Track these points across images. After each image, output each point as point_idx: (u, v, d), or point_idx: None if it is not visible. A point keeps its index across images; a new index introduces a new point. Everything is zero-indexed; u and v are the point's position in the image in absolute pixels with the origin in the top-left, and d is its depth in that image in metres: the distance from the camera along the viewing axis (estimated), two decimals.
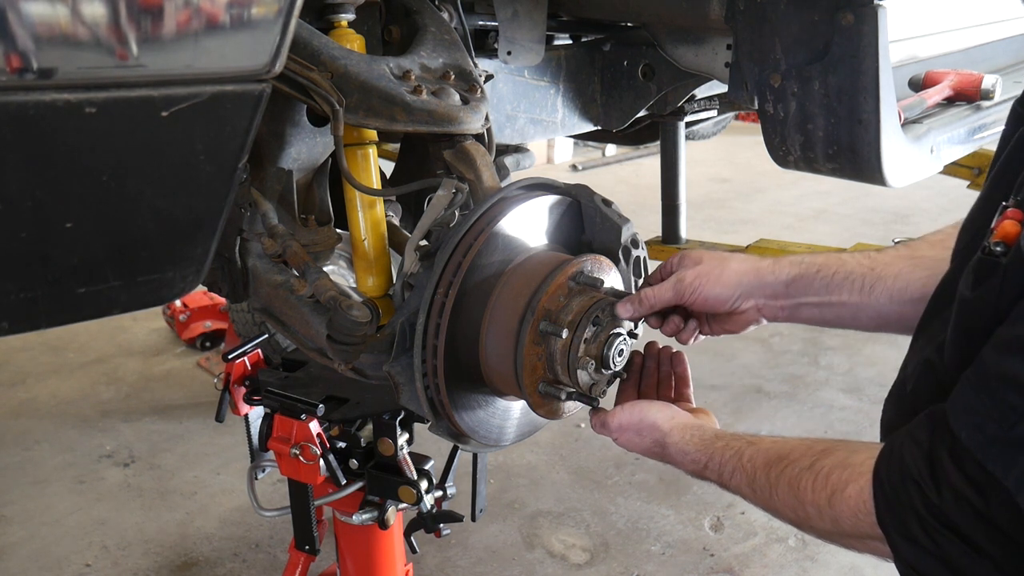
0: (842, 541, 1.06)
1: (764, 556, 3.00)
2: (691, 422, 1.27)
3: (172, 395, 4.02)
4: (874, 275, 1.29)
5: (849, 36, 1.77)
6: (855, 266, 1.30)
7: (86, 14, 0.93)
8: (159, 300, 1.22)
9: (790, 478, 1.07)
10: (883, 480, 0.97)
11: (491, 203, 1.34)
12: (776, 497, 1.10)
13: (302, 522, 1.91)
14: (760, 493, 1.13)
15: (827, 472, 1.03)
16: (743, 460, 1.15)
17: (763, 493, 1.12)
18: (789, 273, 1.31)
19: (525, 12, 2.00)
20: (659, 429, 1.27)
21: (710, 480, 1.22)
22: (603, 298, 1.31)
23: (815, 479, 1.04)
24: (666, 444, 1.26)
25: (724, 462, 1.18)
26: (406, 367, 1.33)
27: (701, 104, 3.01)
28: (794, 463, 1.08)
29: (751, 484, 1.14)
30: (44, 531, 3.09)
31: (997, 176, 1.07)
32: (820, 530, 1.07)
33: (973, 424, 0.89)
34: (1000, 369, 0.88)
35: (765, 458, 1.13)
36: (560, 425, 3.59)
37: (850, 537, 1.04)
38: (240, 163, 1.16)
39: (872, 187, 2.06)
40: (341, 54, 1.38)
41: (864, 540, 1.02)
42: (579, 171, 7.87)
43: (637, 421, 1.29)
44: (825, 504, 1.02)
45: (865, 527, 0.99)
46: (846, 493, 1.00)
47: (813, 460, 1.06)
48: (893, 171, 1.90)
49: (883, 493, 0.96)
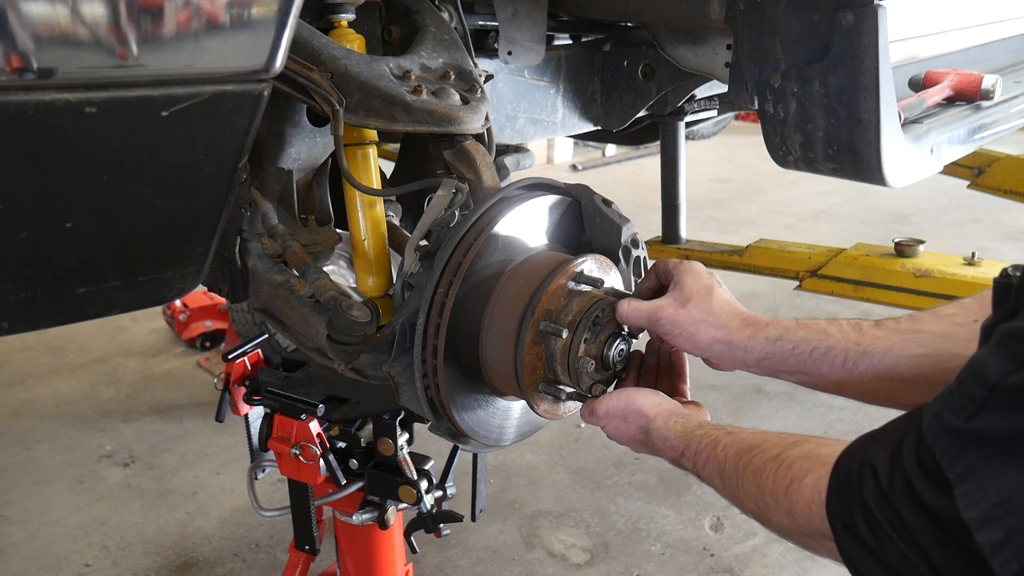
0: (797, 538, 1.01)
1: (764, 556, 3.00)
2: (677, 409, 1.24)
3: (172, 395, 4.02)
4: (859, 350, 1.17)
5: (849, 36, 1.77)
6: (840, 339, 1.19)
7: (86, 14, 0.93)
8: (159, 300, 1.22)
9: (756, 467, 1.03)
10: (841, 469, 0.92)
11: (491, 203, 1.34)
12: (741, 487, 1.05)
13: (302, 522, 1.91)
14: (728, 483, 1.08)
15: (791, 462, 0.99)
16: (717, 449, 1.11)
17: (731, 483, 1.08)
18: (763, 350, 1.23)
19: (525, 12, 2.00)
20: (644, 415, 1.24)
21: (687, 469, 1.18)
22: (603, 298, 1.31)
23: (778, 468, 1.00)
24: (649, 430, 1.23)
25: (700, 450, 1.14)
26: (406, 367, 1.33)
27: (701, 104, 3.01)
28: (762, 452, 1.04)
29: (721, 473, 1.10)
30: (44, 531, 3.09)
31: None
32: (777, 524, 1.01)
33: (934, 412, 0.85)
34: (973, 360, 0.85)
35: (737, 448, 1.08)
36: (560, 425, 3.59)
37: (803, 534, 0.98)
38: (240, 163, 1.16)
39: (872, 187, 2.06)
40: (341, 54, 1.38)
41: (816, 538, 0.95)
42: (579, 171, 7.87)
43: (624, 407, 1.26)
44: (782, 494, 0.97)
45: (816, 520, 0.93)
46: (804, 482, 0.95)
47: (781, 450, 1.02)
48: (893, 171, 1.90)
49: (837, 482, 0.92)
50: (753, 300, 5.06)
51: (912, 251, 2.98)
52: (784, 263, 3.31)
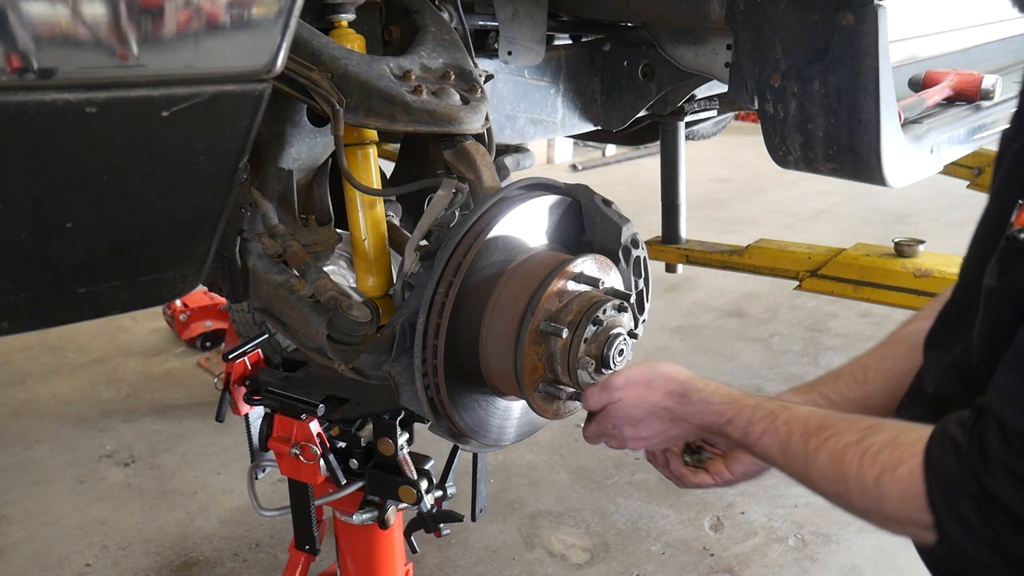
0: (880, 521, 1.03)
1: (764, 556, 3.00)
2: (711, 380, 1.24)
3: (172, 395, 4.02)
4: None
5: (849, 36, 1.77)
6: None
7: (86, 14, 0.93)
8: (159, 300, 1.22)
9: (833, 451, 1.04)
10: (935, 462, 0.95)
11: (491, 203, 1.34)
12: (813, 468, 1.06)
13: (302, 522, 1.90)
14: (793, 461, 1.09)
15: (876, 450, 1.00)
16: (777, 423, 1.11)
17: (797, 461, 1.08)
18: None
19: (525, 12, 2.00)
20: (676, 380, 1.22)
21: (729, 436, 1.17)
22: (603, 298, 1.31)
23: (863, 456, 1.01)
24: (687, 392, 1.20)
25: (754, 420, 1.13)
26: (406, 367, 1.33)
27: (701, 104, 3.01)
28: (838, 435, 1.04)
29: (783, 449, 1.10)
30: (44, 531, 3.09)
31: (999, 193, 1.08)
32: (858, 507, 1.04)
33: (1019, 406, 0.89)
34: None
35: (804, 426, 1.09)
36: (560, 425, 3.59)
37: (891, 520, 1.01)
38: (240, 163, 1.16)
39: (872, 187, 2.06)
40: (341, 54, 1.38)
41: (905, 524, 0.99)
42: (579, 171, 7.87)
43: (647, 373, 1.23)
44: (872, 483, 0.99)
45: (912, 510, 0.97)
46: (897, 473, 0.98)
47: (861, 436, 1.03)
48: (893, 171, 1.90)
49: (935, 475, 0.95)
50: (753, 300, 5.06)
51: (912, 251, 2.99)
52: (784, 263, 3.31)
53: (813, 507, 3.24)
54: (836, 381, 1.36)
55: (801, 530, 3.13)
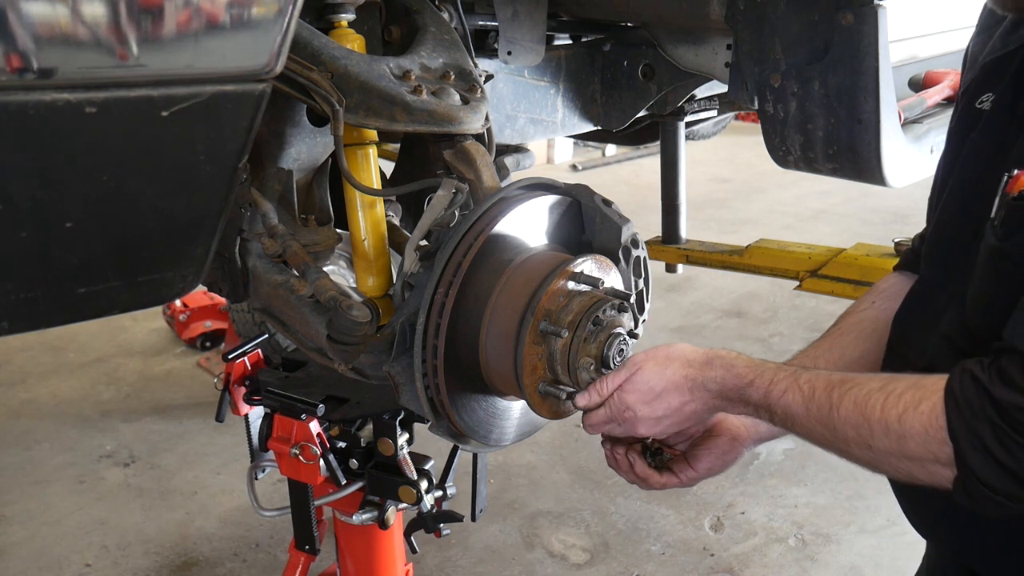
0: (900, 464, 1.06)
1: (764, 556, 3.00)
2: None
3: (172, 395, 4.02)
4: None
5: (849, 36, 1.77)
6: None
7: (86, 14, 0.93)
8: (159, 300, 1.22)
9: (857, 397, 1.07)
10: (956, 394, 0.99)
11: (491, 203, 1.34)
12: (837, 415, 1.08)
13: (302, 522, 1.90)
14: (816, 411, 1.11)
15: (900, 392, 1.04)
16: (799, 381, 1.14)
17: (820, 411, 1.11)
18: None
19: (525, 12, 2.00)
20: (696, 351, 1.24)
21: (748, 400, 1.18)
22: (603, 298, 1.31)
23: (886, 398, 1.04)
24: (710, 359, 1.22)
25: (776, 380, 1.16)
26: (406, 367, 1.33)
27: (701, 104, 3.02)
28: (861, 385, 1.08)
29: (806, 402, 1.12)
30: (44, 531, 3.09)
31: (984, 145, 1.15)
32: (880, 449, 1.06)
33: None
34: None
35: (827, 380, 1.12)
36: (560, 425, 3.59)
37: (911, 458, 1.04)
38: (240, 163, 1.16)
39: (872, 187, 2.06)
40: (341, 54, 1.38)
41: (925, 461, 1.02)
42: (579, 171, 7.87)
43: (663, 352, 1.25)
44: (895, 421, 1.03)
45: (934, 444, 1.00)
46: (919, 409, 1.01)
47: (884, 382, 1.07)
48: (893, 171, 1.90)
49: (956, 405, 0.98)
50: (753, 300, 5.06)
51: None
52: (784, 263, 3.31)
53: (813, 507, 3.24)
54: None
55: (801, 530, 3.13)
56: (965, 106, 1.26)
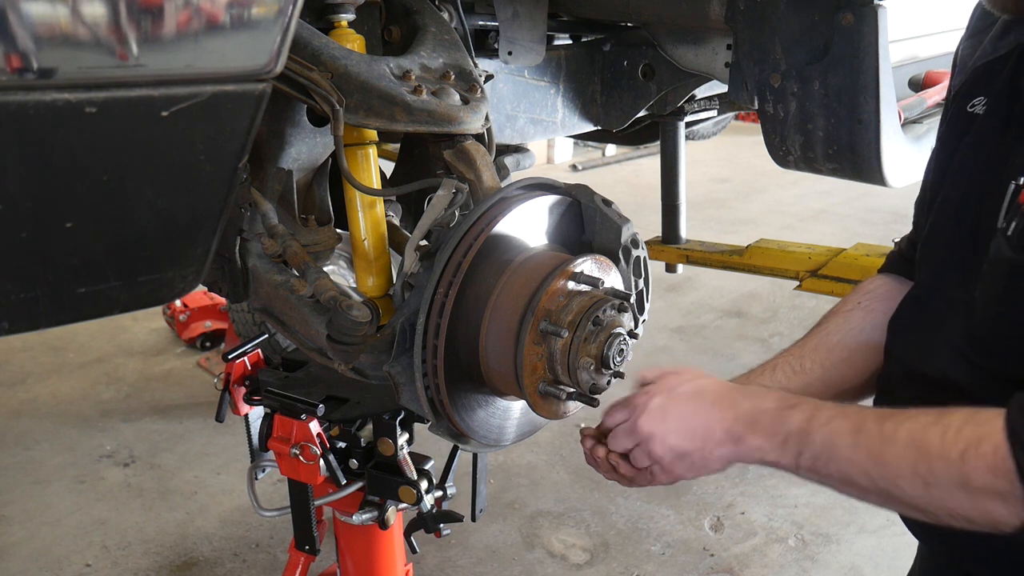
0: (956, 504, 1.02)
1: (764, 556, 3.00)
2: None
3: (172, 395, 4.03)
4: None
5: (849, 36, 1.77)
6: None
7: (86, 14, 0.93)
8: (159, 300, 1.22)
9: (912, 430, 1.04)
10: (1019, 434, 0.97)
11: (491, 203, 1.34)
12: (890, 448, 1.05)
13: (302, 522, 1.90)
14: (867, 441, 1.08)
15: (957, 427, 1.01)
16: (847, 410, 1.12)
17: (871, 442, 1.07)
18: None
19: (525, 12, 2.00)
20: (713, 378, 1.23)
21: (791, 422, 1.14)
22: (603, 298, 1.31)
23: (944, 432, 1.01)
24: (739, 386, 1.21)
25: (820, 407, 1.13)
26: (406, 367, 1.33)
27: (701, 104, 3.02)
28: (914, 417, 1.05)
29: (856, 431, 1.08)
30: (44, 531, 3.09)
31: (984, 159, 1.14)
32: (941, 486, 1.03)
33: None
34: None
35: (875, 413, 1.10)
36: (560, 425, 3.59)
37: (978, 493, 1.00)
38: (240, 163, 1.15)
39: (872, 187, 2.06)
40: (341, 54, 1.38)
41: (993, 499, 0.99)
42: (579, 171, 7.87)
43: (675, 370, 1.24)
44: (957, 458, 1.00)
45: (1002, 484, 0.98)
46: (981, 450, 0.99)
47: (937, 416, 1.04)
48: (893, 171, 1.90)
49: (1021, 447, 0.96)
50: (753, 300, 5.06)
51: None
52: (784, 263, 3.31)
53: (813, 507, 3.24)
54: (774, 372, 1.41)
55: (801, 530, 3.13)
56: (956, 110, 1.25)
